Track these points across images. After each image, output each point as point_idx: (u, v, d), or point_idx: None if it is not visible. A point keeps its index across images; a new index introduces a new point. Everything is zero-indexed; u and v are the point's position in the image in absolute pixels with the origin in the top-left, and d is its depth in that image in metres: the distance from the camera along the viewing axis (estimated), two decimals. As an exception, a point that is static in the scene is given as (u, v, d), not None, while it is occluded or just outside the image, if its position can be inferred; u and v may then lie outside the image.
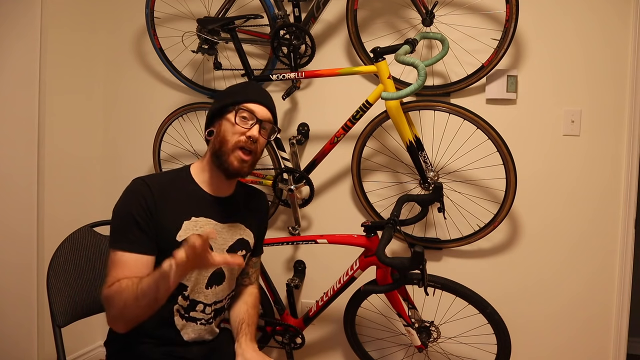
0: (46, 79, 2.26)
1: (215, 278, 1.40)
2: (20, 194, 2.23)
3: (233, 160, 1.34)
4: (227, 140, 1.34)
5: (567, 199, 2.02)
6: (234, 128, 1.34)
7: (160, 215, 1.29)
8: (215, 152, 1.36)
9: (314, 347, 2.33)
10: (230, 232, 1.42)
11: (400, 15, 2.13)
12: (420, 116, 2.11)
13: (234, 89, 1.44)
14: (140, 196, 1.28)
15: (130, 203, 1.29)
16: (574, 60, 1.98)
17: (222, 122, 1.37)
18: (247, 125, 1.35)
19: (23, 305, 2.24)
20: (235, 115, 1.35)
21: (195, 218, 1.35)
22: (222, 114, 1.38)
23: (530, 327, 2.07)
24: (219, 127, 1.37)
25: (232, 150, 1.34)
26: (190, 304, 1.37)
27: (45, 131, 2.27)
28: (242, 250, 1.46)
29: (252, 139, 1.34)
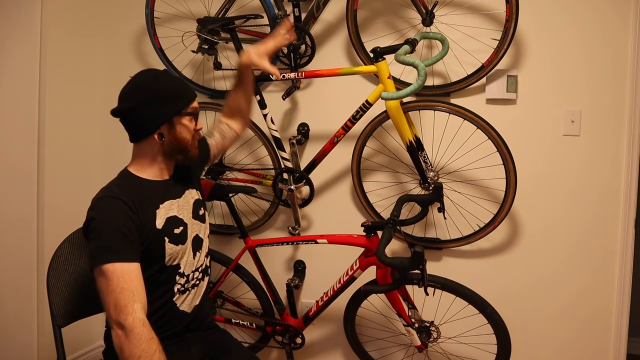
0: (46, 79, 2.26)
1: (196, 244, 1.51)
2: (20, 194, 2.23)
3: (194, 150, 1.50)
4: (186, 139, 1.46)
5: (567, 199, 2.02)
6: (188, 128, 1.46)
7: (137, 218, 1.35)
8: (171, 151, 1.45)
9: (314, 347, 2.33)
10: (187, 201, 1.53)
11: (400, 15, 2.13)
12: (420, 116, 2.11)
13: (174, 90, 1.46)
14: (119, 211, 1.32)
15: (111, 220, 1.30)
16: (574, 60, 1.98)
17: (174, 126, 1.44)
18: (193, 122, 1.49)
19: (23, 305, 2.24)
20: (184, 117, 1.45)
21: (162, 204, 1.43)
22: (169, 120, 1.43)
23: (530, 327, 2.07)
24: (173, 130, 1.44)
25: (191, 144, 1.48)
26: (187, 279, 1.47)
27: (45, 131, 2.27)
28: (201, 209, 1.58)
29: (200, 131, 1.52)
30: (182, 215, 1.48)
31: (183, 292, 1.46)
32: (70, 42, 2.40)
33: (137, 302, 1.21)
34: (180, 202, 1.50)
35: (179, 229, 1.44)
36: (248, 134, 2.33)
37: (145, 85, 1.44)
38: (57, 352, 1.46)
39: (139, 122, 1.43)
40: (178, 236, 1.43)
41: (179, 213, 1.47)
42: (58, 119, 2.34)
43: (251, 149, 2.37)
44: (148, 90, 1.42)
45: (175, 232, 1.42)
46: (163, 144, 1.44)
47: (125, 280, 1.23)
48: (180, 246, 1.43)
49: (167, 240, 1.40)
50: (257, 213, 2.38)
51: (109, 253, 1.25)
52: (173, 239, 1.41)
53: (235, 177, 2.32)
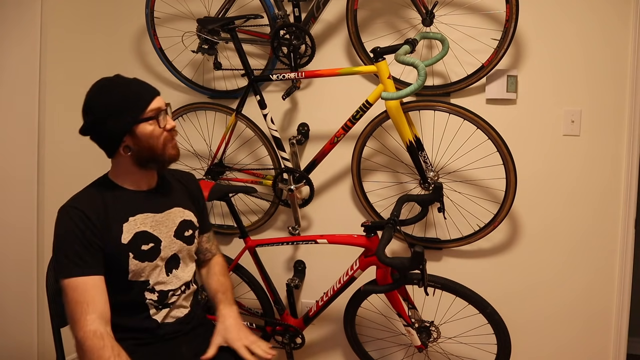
0: (46, 79, 2.26)
1: (171, 263, 1.44)
2: (20, 194, 2.23)
3: (171, 152, 1.40)
4: (155, 145, 1.36)
5: (567, 199, 2.02)
6: (153, 132, 1.35)
7: (101, 231, 1.30)
8: (144, 160, 1.37)
9: (314, 347, 2.33)
10: (170, 218, 1.45)
11: (400, 15, 2.13)
12: (420, 116, 2.11)
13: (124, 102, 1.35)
14: (75, 224, 1.28)
15: (70, 232, 1.27)
16: (574, 60, 1.98)
17: (136, 136, 1.34)
18: (162, 122, 1.36)
19: (23, 305, 2.24)
20: (145, 122, 1.34)
21: (132, 217, 1.37)
22: (129, 129, 1.34)
23: (530, 327, 2.07)
24: (136, 140, 1.35)
25: (164, 148, 1.38)
26: (161, 295, 1.40)
27: (45, 131, 2.27)
28: (188, 230, 1.49)
29: (174, 129, 1.40)
30: (158, 231, 1.40)
31: (159, 308, 1.40)
32: (71, 42, 2.40)
33: (90, 313, 1.21)
34: (159, 217, 1.42)
35: (148, 245, 1.37)
36: (248, 134, 2.33)
37: (96, 99, 1.38)
38: (57, 352, 1.46)
39: (103, 138, 1.38)
40: (145, 253, 1.36)
41: (152, 229, 1.39)
42: (58, 119, 2.34)
43: (251, 149, 2.37)
44: (100, 105, 1.36)
45: (143, 249, 1.35)
46: (132, 155, 1.37)
47: (78, 292, 1.23)
48: (147, 263, 1.36)
49: (132, 256, 1.34)
50: (257, 213, 2.38)
51: (65, 268, 1.26)
52: (138, 255, 1.35)
53: (235, 177, 2.32)
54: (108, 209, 1.34)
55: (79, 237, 1.27)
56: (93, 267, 1.27)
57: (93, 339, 1.19)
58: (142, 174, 1.42)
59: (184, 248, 1.47)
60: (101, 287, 1.27)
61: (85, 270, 1.25)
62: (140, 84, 1.41)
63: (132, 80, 1.41)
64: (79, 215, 1.29)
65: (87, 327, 1.20)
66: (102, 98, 1.36)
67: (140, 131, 1.34)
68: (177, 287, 1.44)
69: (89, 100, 1.39)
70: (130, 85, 1.39)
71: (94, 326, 1.21)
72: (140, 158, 1.37)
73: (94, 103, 1.38)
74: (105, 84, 1.40)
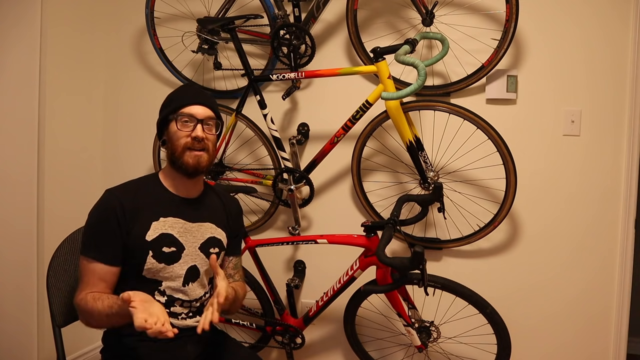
0: (46, 79, 2.26)
1: (191, 274, 1.44)
2: (20, 193, 2.23)
3: (187, 160, 1.42)
4: (176, 145, 1.43)
5: (567, 199, 2.02)
6: (178, 133, 1.43)
7: (130, 223, 1.38)
8: (171, 159, 1.45)
9: (314, 347, 2.33)
10: (200, 231, 1.48)
11: (400, 15, 2.13)
12: (420, 116, 2.11)
13: (171, 97, 1.50)
14: (111, 210, 1.37)
15: (101, 217, 1.38)
16: (574, 60, 1.98)
17: (169, 131, 1.45)
18: (189, 128, 1.43)
19: (23, 305, 2.24)
20: (176, 121, 1.43)
21: (164, 218, 1.42)
22: (166, 123, 1.46)
23: (530, 327, 2.07)
24: (168, 136, 1.45)
25: (182, 152, 1.42)
26: (168, 300, 1.41)
27: (45, 131, 2.27)
28: (214, 247, 1.50)
29: (198, 139, 1.42)
30: (184, 238, 1.44)
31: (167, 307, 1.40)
32: (71, 42, 2.40)
33: (86, 291, 1.34)
34: (189, 226, 1.46)
35: (170, 248, 1.40)
36: (248, 134, 2.33)
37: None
38: (57, 352, 1.46)
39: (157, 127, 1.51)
40: (165, 255, 1.39)
41: (179, 234, 1.43)
42: (58, 119, 2.34)
43: (251, 149, 2.37)
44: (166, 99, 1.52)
45: (164, 250, 1.39)
46: (167, 152, 1.46)
47: (86, 272, 1.36)
48: (163, 265, 1.39)
49: (151, 254, 1.37)
50: (257, 213, 2.38)
51: (84, 246, 1.38)
52: (157, 255, 1.38)
53: (235, 177, 2.32)
54: (144, 203, 1.41)
55: (106, 225, 1.36)
56: (107, 258, 1.36)
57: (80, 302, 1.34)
58: (181, 179, 1.47)
59: (205, 263, 1.48)
60: (107, 277, 1.36)
61: (98, 257, 1.35)
62: (191, 89, 1.55)
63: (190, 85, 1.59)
64: (114, 203, 1.37)
65: (79, 297, 1.34)
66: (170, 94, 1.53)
67: (170, 128, 1.44)
68: (187, 300, 1.44)
69: None
70: (184, 88, 1.56)
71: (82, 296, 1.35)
72: (169, 156, 1.45)
73: None
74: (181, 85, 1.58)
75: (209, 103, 1.48)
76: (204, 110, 1.46)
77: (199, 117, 1.44)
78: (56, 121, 2.33)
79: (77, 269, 1.57)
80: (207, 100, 1.49)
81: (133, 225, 1.37)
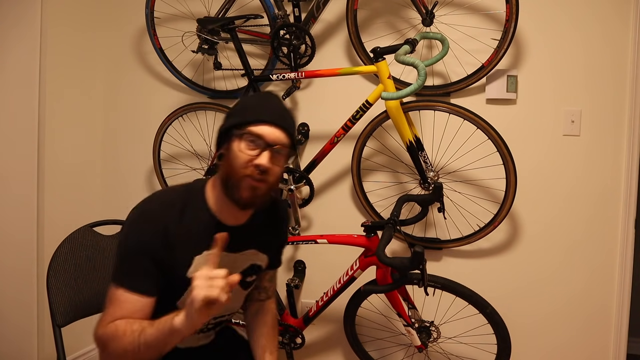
0: (46, 79, 2.26)
1: None
2: (20, 194, 2.23)
3: (243, 191, 1.17)
4: (234, 169, 1.17)
5: (567, 199, 2.02)
6: (240, 156, 1.16)
7: (171, 253, 1.18)
8: (223, 181, 1.20)
9: (314, 347, 2.33)
10: (241, 259, 1.31)
11: (400, 15, 2.13)
12: (420, 116, 2.10)
13: (245, 104, 1.25)
14: (154, 235, 1.16)
15: (139, 240, 1.16)
16: (574, 60, 1.98)
17: (230, 146, 1.19)
18: (253, 151, 1.16)
19: (23, 305, 2.24)
20: (241, 139, 1.17)
21: (207, 252, 1.20)
22: (229, 135, 1.20)
23: (530, 327, 2.07)
24: (227, 152, 1.20)
25: (239, 180, 1.17)
26: None
27: (45, 131, 2.27)
28: (252, 275, 1.36)
29: (260, 168, 1.16)
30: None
31: None
32: (71, 42, 2.40)
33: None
34: (232, 257, 1.26)
35: None
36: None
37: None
38: (57, 352, 1.46)
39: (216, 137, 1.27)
40: None
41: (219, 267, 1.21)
42: (58, 119, 2.34)
43: (251, 149, 2.37)
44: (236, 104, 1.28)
45: None
46: (221, 168, 1.22)
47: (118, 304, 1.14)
48: None
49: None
50: (257, 213, 2.37)
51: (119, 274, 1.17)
52: None
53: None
54: (189, 230, 1.20)
55: (147, 254, 1.15)
56: (146, 290, 1.16)
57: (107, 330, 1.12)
58: (230, 207, 1.22)
59: (238, 290, 1.34)
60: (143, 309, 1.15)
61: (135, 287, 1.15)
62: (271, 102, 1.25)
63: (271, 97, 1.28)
64: (158, 227, 1.16)
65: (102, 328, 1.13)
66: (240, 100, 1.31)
67: (232, 145, 1.18)
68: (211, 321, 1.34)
69: None
70: (263, 98, 1.29)
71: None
72: (222, 176, 1.21)
73: None
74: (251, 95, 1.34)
75: (286, 126, 1.20)
76: (278, 134, 1.18)
77: (270, 141, 1.16)
78: (56, 122, 2.33)
79: (77, 268, 1.58)
80: (285, 123, 1.20)
81: (175, 256, 1.18)
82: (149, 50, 2.51)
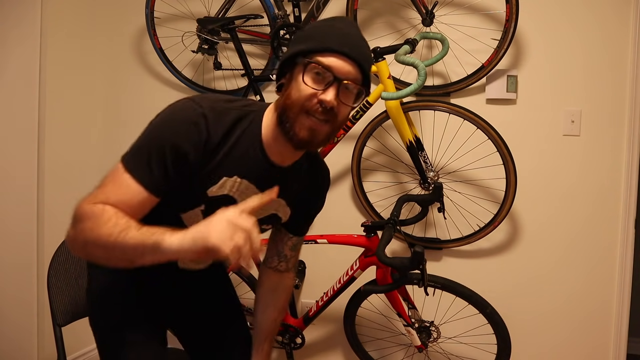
0: (46, 79, 2.26)
1: None
2: (20, 193, 2.23)
3: (299, 129, 1.03)
4: (294, 102, 1.03)
5: (567, 199, 2.02)
6: (303, 88, 1.02)
7: (202, 164, 1.05)
8: (280, 114, 1.06)
9: (314, 347, 2.33)
10: (267, 206, 1.12)
11: (400, 15, 2.13)
12: (420, 116, 2.11)
13: (314, 30, 1.07)
14: (194, 140, 1.02)
15: (172, 136, 1.02)
16: (574, 60, 1.98)
17: (292, 76, 1.05)
18: (320, 85, 1.01)
19: (23, 304, 2.24)
20: (305, 70, 1.02)
21: (239, 178, 1.10)
22: (292, 64, 1.05)
23: (530, 327, 2.07)
24: (288, 82, 1.06)
25: (297, 115, 1.03)
26: None
27: (45, 131, 2.27)
28: (268, 224, 1.25)
29: (325, 105, 1.01)
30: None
31: None
32: (70, 43, 2.40)
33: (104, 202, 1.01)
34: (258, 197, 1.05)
35: None
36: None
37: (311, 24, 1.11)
38: (58, 351, 1.46)
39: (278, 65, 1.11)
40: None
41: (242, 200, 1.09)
42: (58, 119, 2.34)
43: (251, 149, 2.37)
44: (306, 28, 1.10)
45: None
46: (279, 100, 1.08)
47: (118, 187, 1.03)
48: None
49: (202, 208, 1.09)
50: (257, 213, 2.37)
51: (135, 159, 1.05)
52: (208, 212, 1.05)
53: (235, 177, 2.32)
54: (231, 149, 1.07)
55: (174, 155, 1.01)
56: (155, 189, 1.02)
57: (94, 208, 0.99)
58: (282, 144, 1.08)
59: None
60: (142, 205, 1.03)
61: (146, 181, 1.02)
62: (345, 28, 1.06)
63: (344, 26, 1.08)
64: (202, 134, 1.02)
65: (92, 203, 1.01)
66: (308, 26, 1.12)
67: (295, 75, 1.04)
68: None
69: None
70: (337, 23, 1.08)
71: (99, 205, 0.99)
72: (279, 108, 1.06)
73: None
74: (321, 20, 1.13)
75: (362, 59, 1.04)
76: (349, 68, 1.02)
77: (340, 74, 1.01)
78: (56, 122, 2.33)
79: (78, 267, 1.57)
80: (360, 55, 1.04)
81: (205, 168, 1.05)
82: (149, 50, 2.52)
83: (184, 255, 0.89)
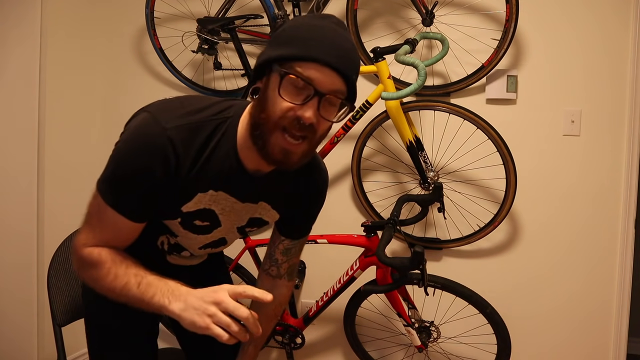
0: (46, 79, 2.26)
1: (214, 243, 1.17)
2: (20, 193, 2.23)
3: (272, 148, 0.93)
4: (267, 116, 0.91)
5: (567, 199, 2.02)
6: (278, 100, 0.89)
7: (174, 184, 0.98)
8: (252, 128, 0.95)
9: (314, 347, 2.33)
10: (248, 210, 1.11)
11: (400, 15, 2.13)
12: (420, 116, 2.11)
13: (296, 32, 0.93)
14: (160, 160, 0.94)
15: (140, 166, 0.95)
16: (574, 60, 1.98)
17: (269, 83, 0.92)
18: (298, 99, 0.89)
19: (23, 304, 2.24)
20: (282, 80, 0.89)
21: (214, 192, 1.03)
22: (269, 69, 0.92)
23: (530, 327, 2.07)
24: (264, 89, 0.93)
25: (272, 130, 0.91)
26: (176, 246, 1.16)
27: (45, 131, 2.27)
28: (254, 228, 1.19)
29: (302, 122, 0.89)
30: (225, 217, 1.08)
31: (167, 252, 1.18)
32: (70, 43, 2.40)
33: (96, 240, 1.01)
34: (238, 206, 1.08)
35: (203, 223, 1.07)
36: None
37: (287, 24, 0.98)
38: (58, 351, 1.46)
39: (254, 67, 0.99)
40: (195, 227, 1.08)
41: (222, 213, 1.07)
42: (58, 119, 2.34)
43: (251, 149, 2.37)
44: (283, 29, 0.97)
45: (195, 223, 1.07)
46: (254, 106, 0.96)
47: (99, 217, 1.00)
48: (187, 232, 1.09)
49: (179, 221, 1.05)
50: (257, 213, 2.38)
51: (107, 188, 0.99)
52: (185, 225, 1.06)
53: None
54: (202, 164, 0.98)
55: (148, 181, 0.95)
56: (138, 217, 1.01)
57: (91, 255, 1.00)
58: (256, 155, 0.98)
59: (236, 236, 1.20)
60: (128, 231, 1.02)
61: (123, 210, 0.98)
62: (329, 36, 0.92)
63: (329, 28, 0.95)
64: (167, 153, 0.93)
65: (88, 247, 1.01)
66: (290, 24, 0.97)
67: (273, 83, 0.91)
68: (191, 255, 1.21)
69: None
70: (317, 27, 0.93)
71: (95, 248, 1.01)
72: (253, 117, 0.95)
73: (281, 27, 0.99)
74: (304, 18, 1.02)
75: (347, 69, 0.91)
76: (334, 80, 0.89)
77: (322, 88, 0.88)
78: (56, 122, 2.33)
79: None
80: (346, 64, 0.91)
81: (176, 186, 0.98)
82: (149, 50, 2.51)
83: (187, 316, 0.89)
